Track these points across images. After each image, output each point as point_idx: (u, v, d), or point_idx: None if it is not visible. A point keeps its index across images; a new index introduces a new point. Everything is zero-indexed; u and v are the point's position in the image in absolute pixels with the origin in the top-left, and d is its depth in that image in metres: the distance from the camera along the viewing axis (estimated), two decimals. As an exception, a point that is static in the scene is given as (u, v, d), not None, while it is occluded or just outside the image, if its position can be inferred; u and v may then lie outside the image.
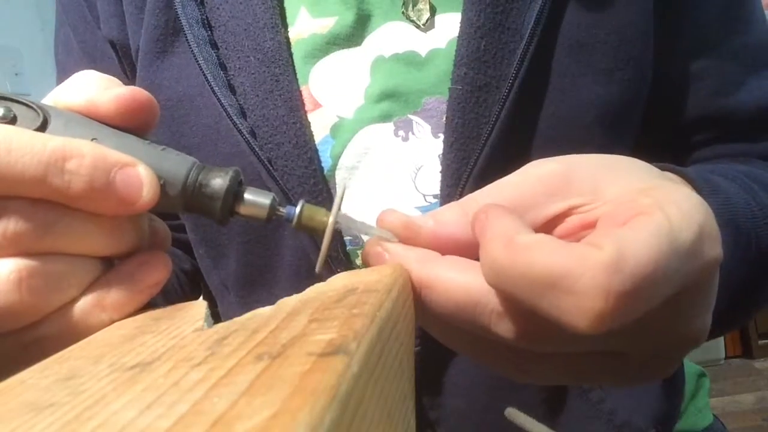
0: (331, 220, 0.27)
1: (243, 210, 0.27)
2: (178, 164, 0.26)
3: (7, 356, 0.24)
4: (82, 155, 0.23)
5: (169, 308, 0.26)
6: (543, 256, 0.20)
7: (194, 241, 0.50)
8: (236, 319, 0.21)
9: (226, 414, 0.12)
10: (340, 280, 0.24)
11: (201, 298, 0.58)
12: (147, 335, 0.21)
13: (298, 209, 0.27)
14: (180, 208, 0.26)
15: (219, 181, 0.26)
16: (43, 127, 0.25)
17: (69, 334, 0.24)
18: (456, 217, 0.25)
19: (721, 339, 2.54)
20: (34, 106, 0.25)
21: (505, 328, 0.23)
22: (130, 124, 0.26)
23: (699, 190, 0.33)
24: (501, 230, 0.22)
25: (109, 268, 0.26)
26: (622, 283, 0.19)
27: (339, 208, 0.27)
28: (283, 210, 0.27)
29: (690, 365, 0.61)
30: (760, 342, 2.55)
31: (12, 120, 0.25)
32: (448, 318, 0.24)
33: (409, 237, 0.26)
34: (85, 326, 0.25)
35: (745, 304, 0.39)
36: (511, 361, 0.25)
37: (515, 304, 0.22)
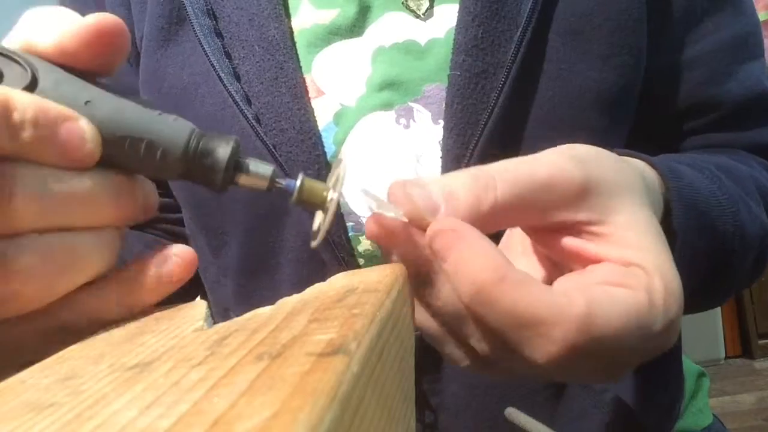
0: (334, 195, 0.26)
1: (244, 180, 0.26)
2: (178, 130, 0.25)
3: (29, 344, 0.24)
4: (24, 108, 0.22)
5: (169, 308, 0.26)
6: (529, 301, 0.22)
7: (193, 231, 0.51)
8: (236, 319, 0.21)
9: (226, 414, 0.12)
10: (340, 280, 0.24)
11: (198, 297, 0.58)
12: (147, 335, 0.21)
13: (298, 183, 0.26)
14: (178, 175, 0.25)
15: (221, 150, 0.25)
16: (32, 87, 0.23)
17: (89, 326, 0.24)
18: (468, 202, 0.24)
19: (721, 339, 2.54)
20: (23, 63, 0.23)
21: (480, 347, 0.25)
22: (101, 56, 0.24)
23: (663, 176, 0.34)
24: (490, 259, 0.23)
25: (115, 241, 0.25)
26: (586, 343, 0.23)
27: (341, 181, 0.26)
28: (283, 182, 0.26)
29: (690, 365, 0.61)
30: (760, 342, 2.55)
31: None
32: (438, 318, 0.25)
33: (416, 223, 0.25)
34: (105, 319, 0.25)
35: (714, 288, 0.41)
36: (488, 365, 0.27)
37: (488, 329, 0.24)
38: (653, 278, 0.24)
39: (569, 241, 0.26)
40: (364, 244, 0.43)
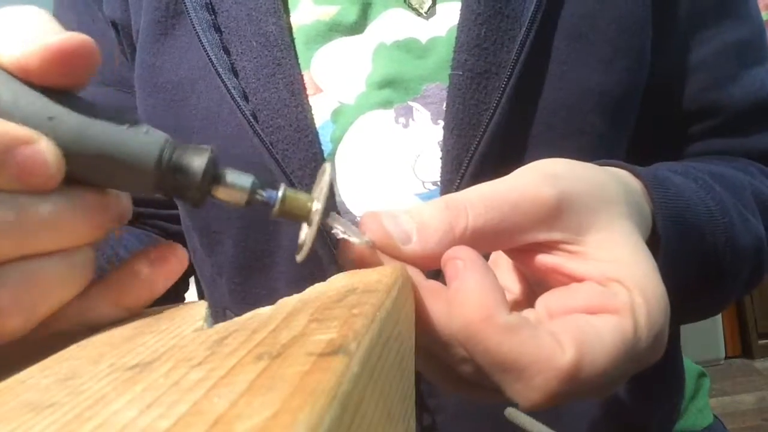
0: (318, 207, 0.25)
1: (221, 194, 0.24)
2: (149, 144, 0.23)
3: (33, 345, 0.23)
4: None
5: (169, 308, 0.26)
6: (513, 346, 0.22)
7: (188, 228, 0.50)
8: (236, 319, 0.21)
9: (226, 414, 0.12)
10: (340, 280, 0.24)
11: (197, 297, 0.58)
12: (147, 335, 0.21)
13: (279, 194, 0.25)
14: (152, 190, 0.24)
15: (195, 163, 0.23)
16: None
17: (89, 329, 0.24)
18: (440, 230, 0.25)
19: (721, 339, 2.54)
20: None
21: (464, 369, 0.25)
22: (64, 77, 0.23)
23: (647, 187, 0.34)
24: (481, 298, 0.22)
25: (90, 256, 0.24)
26: (571, 389, 0.22)
27: (327, 195, 0.25)
28: (264, 194, 0.25)
29: (690, 365, 0.61)
30: (760, 342, 2.55)
31: None
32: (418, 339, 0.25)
33: (389, 253, 0.25)
34: (103, 322, 0.25)
35: (706, 300, 0.40)
36: (472, 388, 0.26)
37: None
38: (633, 293, 0.24)
39: (547, 259, 0.26)
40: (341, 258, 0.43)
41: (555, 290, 0.27)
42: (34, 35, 0.22)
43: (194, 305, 0.25)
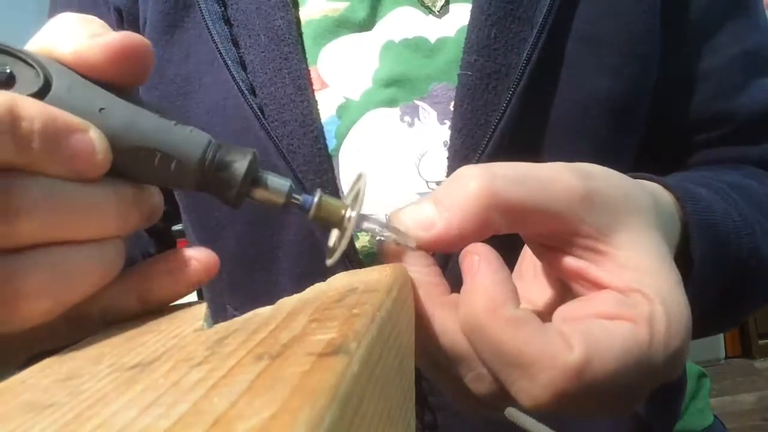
0: (353, 214, 0.25)
1: (259, 195, 0.25)
2: (193, 142, 0.24)
3: (56, 330, 0.24)
4: (32, 118, 0.20)
5: (169, 308, 0.26)
6: (518, 339, 0.22)
7: (187, 223, 0.51)
8: (236, 319, 0.21)
9: (226, 414, 0.12)
10: (340, 279, 0.24)
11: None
12: (147, 335, 0.21)
13: (315, 200, 0.25)
14: (192, 187, 0.24)
15: (237, 165, 0.24)
16: (44, 91, 0.22)
17: (104, 318, 0.25)
18: (468, 213, 0.24)
19: (721, 339, 2.54)
20: (36, 66, 0.22)
21: (476, 386, 0.25)
22: (121, 74, 0.24)
23: (679, 199, 0.34)
24: (490, 291, 0.22)
25: (120, 250, 0.24)
26: (577, 390, 0.22)
27: (361, 203, 0.25)
28: (300, 198, 0.25)
29: (690, 365, 0.61)
30: (760, 342, 2.55)
31: (8, 81, 0.21)
32: (429, 353, 0.25)
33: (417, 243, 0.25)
34: (123, 313, 0.25)
35: (727, 312, 0.40)
36: (481, 403, 0.26)
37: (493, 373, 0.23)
38: (654, 305, 0.23)
39: (572, 262, 0.26)
40: (361, 241, 0.43)
41: (572, 301, 0.26)
42: (95, 33, 0.23)
43: (194, 305, 0.25)
